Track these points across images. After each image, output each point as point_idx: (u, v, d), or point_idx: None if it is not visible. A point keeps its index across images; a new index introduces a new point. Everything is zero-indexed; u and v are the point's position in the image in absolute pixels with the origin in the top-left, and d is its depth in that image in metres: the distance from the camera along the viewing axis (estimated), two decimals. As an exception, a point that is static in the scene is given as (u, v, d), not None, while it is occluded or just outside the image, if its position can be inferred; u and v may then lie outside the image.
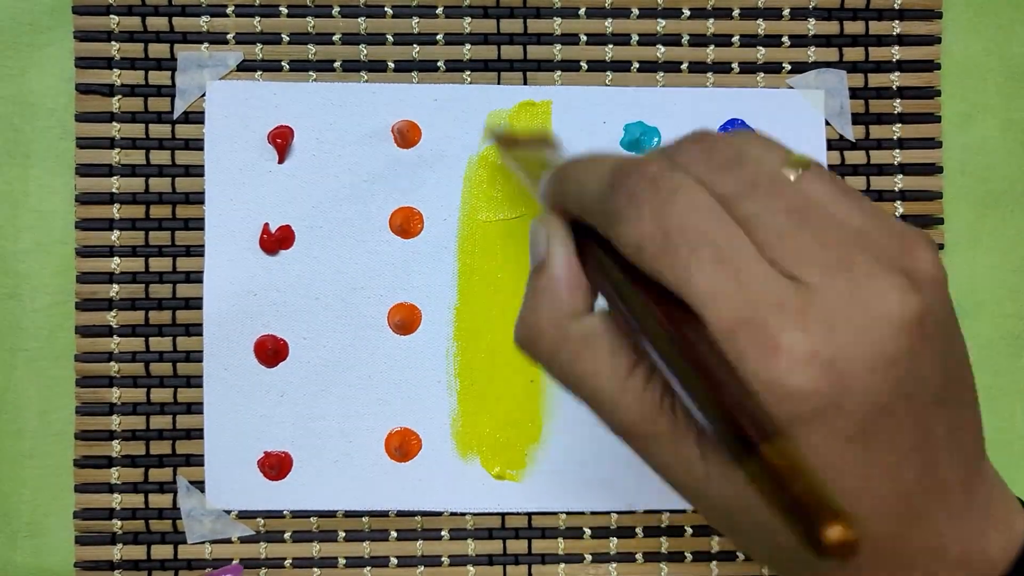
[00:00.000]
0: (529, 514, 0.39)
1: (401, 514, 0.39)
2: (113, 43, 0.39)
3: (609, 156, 0.21)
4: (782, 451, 0.16)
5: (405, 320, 0.39)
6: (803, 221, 0.18)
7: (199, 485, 0.39)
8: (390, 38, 0.40)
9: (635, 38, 0.40)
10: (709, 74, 0.40)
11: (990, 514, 0.20)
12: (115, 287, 0.39)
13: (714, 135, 0.20)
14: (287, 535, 0.39)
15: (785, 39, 0.40)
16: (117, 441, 0.39)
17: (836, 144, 0.40)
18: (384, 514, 0.39)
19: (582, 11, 0.40)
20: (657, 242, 0.18)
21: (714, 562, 0.40)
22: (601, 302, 0.21)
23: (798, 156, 0.19)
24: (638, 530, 0.39)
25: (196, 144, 0.39)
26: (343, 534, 0.39)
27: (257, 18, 0.39)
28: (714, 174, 0.19)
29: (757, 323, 0.17)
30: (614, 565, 0.39)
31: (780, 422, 0.16)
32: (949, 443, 0.19)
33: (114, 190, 0.39)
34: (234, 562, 0.39)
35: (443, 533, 0.39)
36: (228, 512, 0.39)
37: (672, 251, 0.18)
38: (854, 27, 0.40)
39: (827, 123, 0.40)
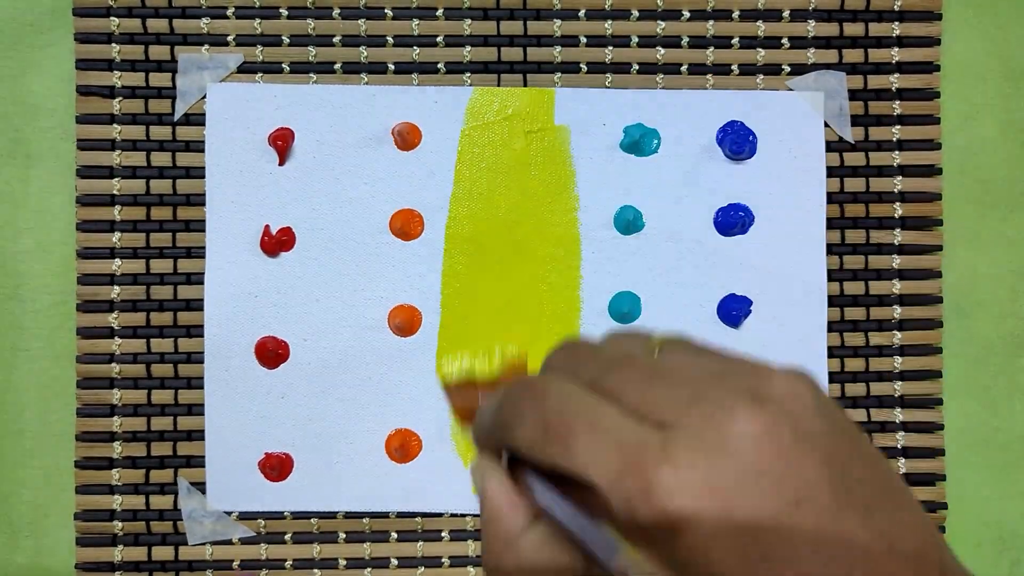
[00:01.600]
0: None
1: (402, 515, 0.39)
2: (114, 45, 0.39)
3: (499, 395, 0.23)
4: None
5: (405, 322, 0.39)
6: (659, 379, 0.20)
7: (200, 486, 0.39)
8: (390, 40, 0.40)
9: (635, 40, 0.40)
10: (709, 76, 0.40)
11: None
12: (116, 289, 0.39)
13: (577, 340, 0.23)
14: (288, 536, 0.39)
15: (785, 41, 0.40)
16: (118, 442, 0.39)
17: (835, 146, 0.40)
18: (384, 515, 0.39)
19: (582, 13, 0.40)
20: (541, 437, 0.20)
21: (714, 563, 0.40)
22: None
23: (658, 338, 0.22)
24: (638, 531, 0.40)
25: (197, 146, 0.39)
26: (344, 535, 0.39)
27: (257, 20, 0.39)
28: (578, 367, 0.22)
29: (632, 469, 0.19)
30: (614, 566, 0.39)
31: (686, 552, 0.18)
32: (885, 553, 0.19)
33: (115, 192, 0.39)
34: (238, 565, 0.39)
35: (443, 534, 0.39)
36: (229, 513, 0.39)
37: (553, 438, 0.20)
38: (854, 29, 0.40)
39: (826, 125, 0.40)
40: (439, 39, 0.40)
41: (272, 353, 0.39)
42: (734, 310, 0.39)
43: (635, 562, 0.19)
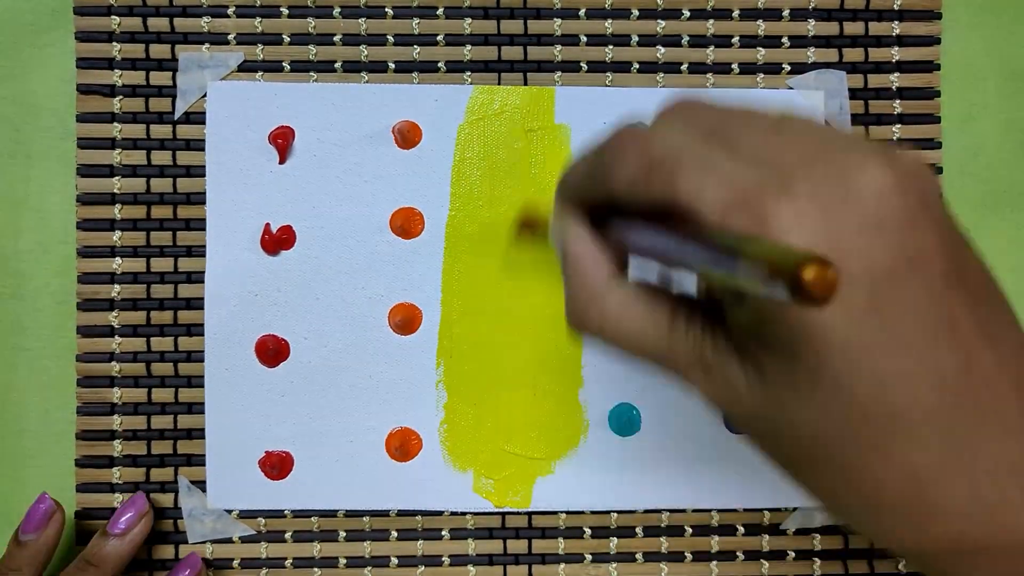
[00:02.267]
0: (529, 514, 0.39)
1: (402, 514, 0.39)
2: (114, 44, 0.39)
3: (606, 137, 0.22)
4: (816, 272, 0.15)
5: (405, 320, 0.39)
6: (782, 132, 0.19)
7: (200, 485, 0.39)
8: (391, 39, 0.40)
9: (635, 39, 0.40)
10: (709, 75, 0.40)
11: None
12: (116, 287, 0.39)
13: (692, 96, 0.21)
14: (288, 535, 0.39)
15: (785, 40, 0.40)
16: (118, 441, 0.39)
17: (836, 145, 0.40)
18: (385, 514, 0.39)
19: (582, 12, 0.40)
20: (644, 173, 0.19)
21: (714, 562, 0.40)
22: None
23: (780, 110, 0.20)
24: (638, 530, 0.40)
25: (197, 145, 0.39)
26: (344, 534, 0.39)
27: (258, 19, 0.39)
28: (695, 117, 0.20)
29: (745, 203, 0.17)
30: (614, 565, 0.39)
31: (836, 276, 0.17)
32: (987, 341, 0.18)
33: (115, 190, 0.39)
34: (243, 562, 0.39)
35: (443, 533, 0.39)
36: (229, 512, 0.39)
37: (658, 173, 0.19)
38: (854, 28, 0.40)
39: (826, 124, 0.40)
40: (439, 38, 0.40)
41: (272, 351, 0.39)
42: (734, 309, 0.39)
43: (766, 261, 0.15)
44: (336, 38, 0.40)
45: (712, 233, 0.18)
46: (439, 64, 0.40)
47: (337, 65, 0.40)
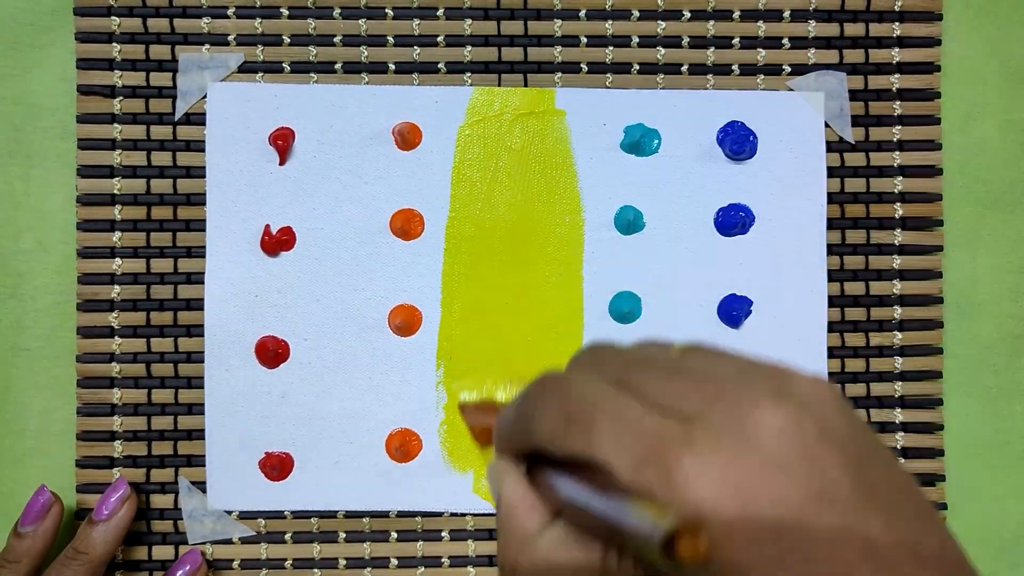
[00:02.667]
0: (529, 515, 0.39)
1: (402, 515, 0.39)
2: (114, 44, 0.39)
3: (529, 384, 0.23)
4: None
5: (405, 321, 0.39)
6: (682, 376, 0.20)
7: (200, 486, 0.39)
8: (391, 40, 0.40)
9: (635, 40, 0.40)
10: (709, 76, 0.40)
11: None
12: (116, 288, 0.39)
13: (603, 343, 0.23)
14: (288, 536, 0.39)
15: (785, 41, 0.40)
16: (119, 442, 0.39)
17: (836, 146, 0.40)
18: (384, 515, 0.39)
19: (583, 13, 0.40)
20: (563, 427, 0.20)
21: (714, 563, 0.40)
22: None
23: (681, 344, 0.22)
24: (638, 531, 0.40)
25: (197, 146, 0.39)
26: (344, 535, 0.39)
27: (258, 20, 0.39)
28: (602, 364, 0.22)
29: (653, 457, 0.18)
30: (614, 566, 0.39)
31: (706, 548, 0.18)
32: (910, 556, 0.19)
33: (115, 191, 0.39)
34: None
35: (443, 534, 0.39)
36: (229, 513, 0.39)
37: (575, 427, 0.20)
38: (854, 29, 0.40)
39: (827, 125, 0.40)
40: (440, 39, 0.40)
41: (272, 352, 0.39)
42: (734, 310, 0.39)
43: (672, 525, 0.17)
44: (336, 39, 0.40)
45: (619, 491, 0.19)
46: (439, 65, 0.40)
47: (337, 66, 0.40)
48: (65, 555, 0.36)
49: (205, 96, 0.39)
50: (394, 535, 0.39)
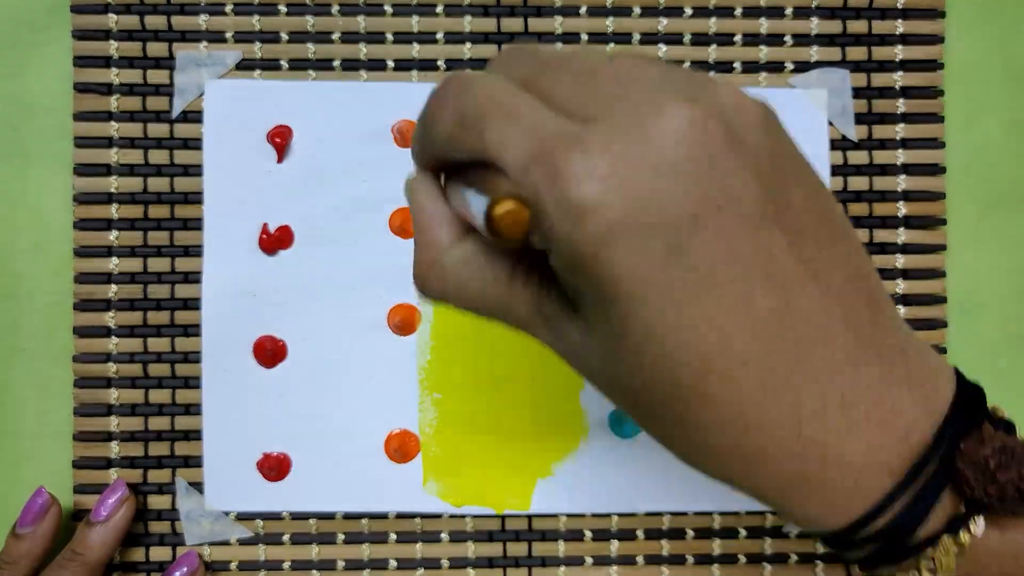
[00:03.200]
0: (529, 516, 0.39)
1: (400, 516, 0.39)
2: (111, 42, 0.39)
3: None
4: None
5: (405, 321, 0.39)
6: (596, 78, 0.19)
7: (198, 487, 0.39)
8: (390, 37, 0.39)
9: (637, 37, 0.40)
10: (711, 73, 0.40)
11: (900, 373, 0.19)
12: (113, 287, 0.39)
13: (523, 44, 0.21)
14: (286, 537, 0.39)
15: (788, 38, 0.40)
16: (115, 442, 0.39)
17: (839, 144, 0.40)
18: (383, 516, 0.39)
19: (583, 10, 0.39)
20: (458, 128, 0.19)
21: (715, 565, 0.39)
22: None
23: (617, 48, 0.21)
24: (639, 533, 0.39)
25: (195, 143, 0.39)
26: (342, 536, 0.39)
27: (256, 16, 0.39)
28: (514, 66, 0.20)
29: (543, 156, 0.17)
30: (615, 568, 0.39)
31: (590, 247, 0.17)
32: (809, 278, 0.18)
33: (112, 190, 0.39)
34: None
35: (442, 535, 0.39)
36: (227, 514, 0.39)
37: (469, 126, 0.19)
38: (857, 26, 0.40)
39: (830, 123, 0.40)
40: (439, 36, 0.39)
41: (270, 352, 0.39)
42: (736, 310, 0.39)
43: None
44: (335, 36, 0.39)
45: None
46: (439, 62, 0.39)
47: (336, 63, 0.39)
48: (63, 556, 0.36)
49: (203, 94, 0.39)
50: (393, 537, 0.39)
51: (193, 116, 0.39)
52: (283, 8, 0.39)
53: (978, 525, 0.19)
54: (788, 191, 0.18)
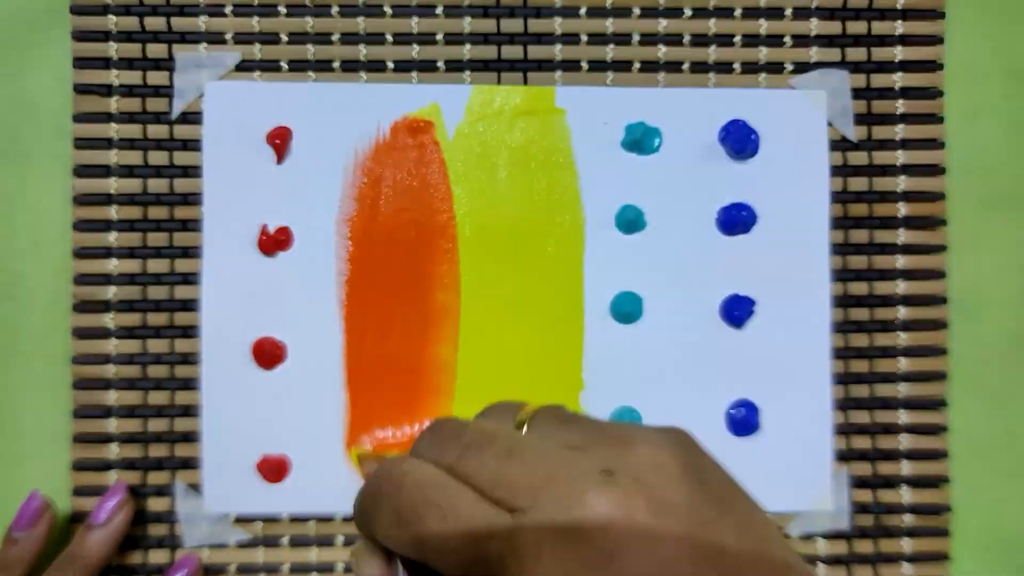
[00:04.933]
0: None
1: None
2: (111, 43, 0.39)
3: (371, 472, 0.23)
4: None
5: (405, 322, 0.39)
6: (515, 458, 0.19)
7: (197, 489, 0.39)
8: (389, 38, 0.39)
9: (636, 38, 0.40)
10: (711, 74, 0.40)
11: None
12: (112, 289, 0.39)
13: (445, 419, 0.22)
14: (285, 539, 0.39)
15: (787, 39, 0.40)
16: (114, 444, 0.39)
17: (838, 145, 0.40)
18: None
19: (583, 11, 0.39)
20: (395, 526, 0.20)
21: (717, 566, 0.39)
22: None
23: (530, 409, 0.22)
24: (640, 534, 0.39)
25: (194, 145, 0.39)
26: (341, 538, 0.39)
27: (255, 18, 0.39)
28: (442, 449, 0.21)
29: (481, 564, 0.18)
30: (616, 569, 0.39)
31: None
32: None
33: (111, 191, 0.39)
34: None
35: (443, 537, 0.39)
36: (226, 516, 0.39)
37: (406, 528, 0.20)
38: (857, 27, 0.40)
39: (829, 124, 0.40)
40: (439, 37, 0.39)
41: (269, 354, 0.38)
42: (737, 311, 0.39)
43: None
44: (334, 37, 0.39)
45: None
46: (438, 63, 0.39)
47: (335, 64, 0.39)
48: (61, 560, 0.36)
49: (202, 95, 0.39)
50: (393, 538, 0.39)
51: (192, 117, 0.39)
52: (283, 9, 0.39)
53: None
54: (720, 533, 0.19)
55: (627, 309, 0.39)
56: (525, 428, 0.21)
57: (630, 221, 0.39)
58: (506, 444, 0.20)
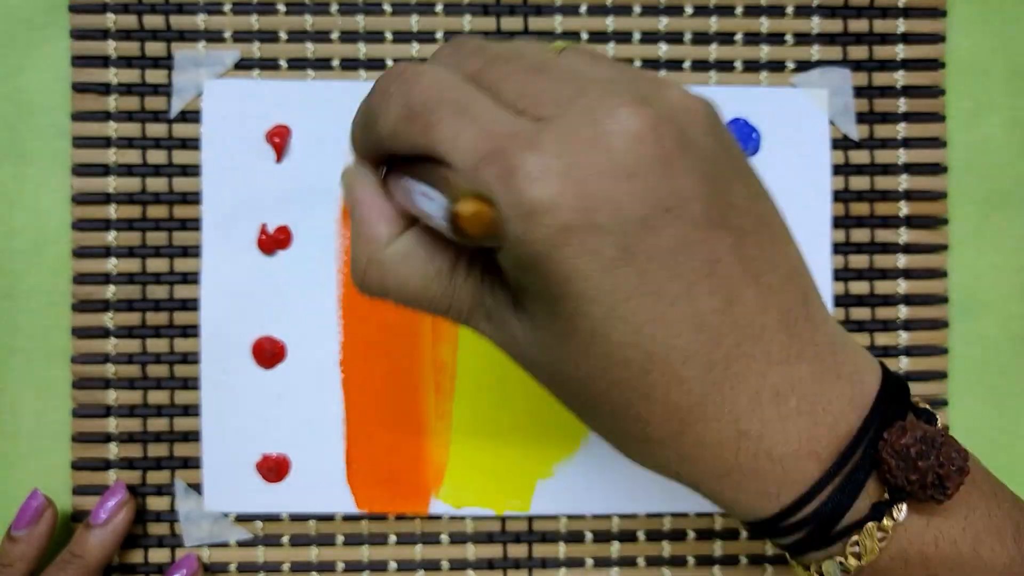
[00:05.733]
0: (530, 518, 0.39)
1: (400, 518, 0.39)
2: (109, 41, 0.39)
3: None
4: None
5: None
6: (545, 74, 0.19)
7: (197, 488, 0.39)
8: (389, 36, 0.39)
9: (637, 36, 0.39)
10: (712, 72, 0.39)
11: (829, 368, 0.20)
12: (111, 288, 0.39)
13: (467, 37, 0.21)
14: (285, 539, 0.39)
15: (789, 37, 0.40)
16: (114, 443, 0.39)
17: (840, 143, 0.40)
18: (383, 518, 0.39)
19: (583, 8, 0.39)
20: (404, 120, 0.19)
21: (716, 566, 0.39)
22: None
23: (560, 44, 0.20)
24: (640, 534, 0.39)
25: (193, 143, 0.39)
26: (342, 538, 0.39)
27: (254, 16, 0.39)
28: (462, 59, 0.20)
29: (496, 155, 0.17)
30: (616, 570, 0.39)
31: (541, 246, 0.17)
32: (750, 278, 0.19)
33: (110, 190, 0.39)
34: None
35: (442, 537, 0.39)
36: (226, 515, 0.39)
37: (416, 120, 0.19)
38: (858, 25, 0.40)
39: (831, 122, 0.39)
40: (438, 35, 0.39)
41: (269, 353, 0.38)
42: (737, 310, 0.39)
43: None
44: (334, 35, 0.39)
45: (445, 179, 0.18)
46: (438, 62, 0.39)
47: (335, 62, 0.39)
48: (61, 559, 0.36)
49: (201, 93, 0.39)
50: (393, 538, 0.39)
51: (191, 116, 0.39)
52: (282, 7, 0.39)
53: (900, 511, 0.20)
54: (732, 192, 0.19)
55: (627, 308, 0.39)
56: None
57: (630, 220, 0.39)
58: (535, 61, 0.19)
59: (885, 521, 0.20)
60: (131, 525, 0.37)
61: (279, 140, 0.38)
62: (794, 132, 0.39)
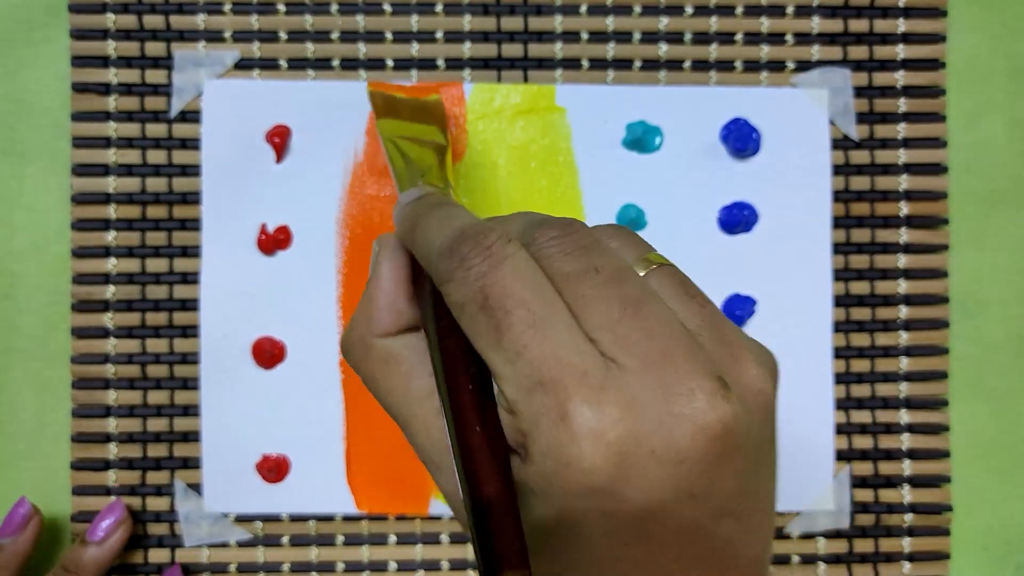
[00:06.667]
0: (530, 517, 0.39)
1: (400, 518, 0.39)
2: (109, 41, 0.39)
3: (460, 216, 0.20)
4: None
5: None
6: (635, 312, 0.18)
7: (197, 488, 0.39)
8: (389, 36, 0.39)
9: (637, 36, 0.39)
10: (712, 72, 0.39)
11: None
12: (111, 288, 0.39)
13: (579, 224, 0.20)
14: (285, 539, 0.39)
15: (789, 37, 0.40)
16: (114, 444, 0.39)
17: (840, 143, 0.40)
18: (383, 518, 0.39)
19: (583, 8, 0.39)
20: (477, 304, 0.18)
21: (717, 566, 0.39)
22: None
23: (656, 255, 0.20)
24: (640, 534, 0.39)
25: (193, 144, 0.39)
26: (342, 538, 0.39)
27: (254, 16, 0.39)
28: (562, 254, 0.19)
29: (555, 387, 0.17)
30: (616, 569, 0.39)
31: (561, 498, 0.17)
32: (730, 559, 0.19)
33: (110, 190, 0.39)
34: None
35: (443, 537, 0.39)
36: (226, 515, 0.39)
37: (488, 314, 0.17)
38: (858, 25, 0.40)
39: (831, 122, 0.39)
40: (438, 35, 0.39)
41: (269, 353, 0.38)
42: (738, 310, 0.39)
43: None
44: (334, 35, 0.39)
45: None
46: (438, 61, 0.39)
47: (335, 63, 0.39)
48: (53, 573, 0.36)
49: (201, 93, 0.39)
50: (393, 539, 0.39)
51: (191, 116, 0.39)
52: (282, 7, 0.39)
53: None
54: (759, 481, 0.18)
55: (628, 309, 0.39)
56: (643, 271, 0.19)
57: (631, 220, 0.39)
58: (634, 292, 0.18)
59: None
60: (126, 544, 0.37)
61: (279, 140, 0.38)
62: (794, 132, 0.39)
